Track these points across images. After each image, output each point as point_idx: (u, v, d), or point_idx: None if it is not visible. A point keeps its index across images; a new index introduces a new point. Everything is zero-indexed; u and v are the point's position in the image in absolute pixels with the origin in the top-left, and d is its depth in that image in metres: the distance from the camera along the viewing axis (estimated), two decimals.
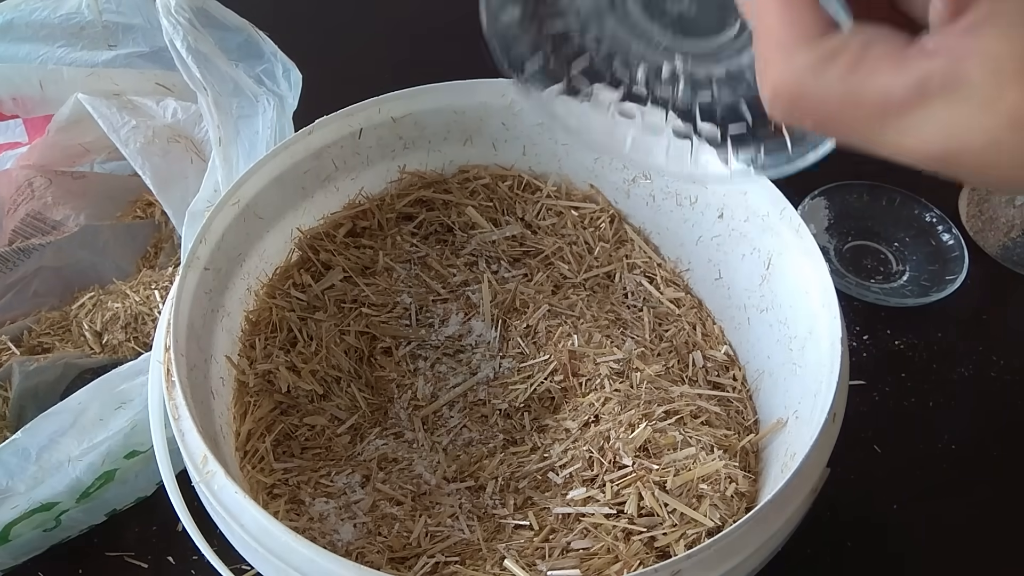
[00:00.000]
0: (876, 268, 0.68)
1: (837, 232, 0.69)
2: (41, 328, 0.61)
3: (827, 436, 0.39)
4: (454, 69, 0.60)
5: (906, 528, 0.54)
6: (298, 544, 0.35)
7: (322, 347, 0.53)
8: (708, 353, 0.54)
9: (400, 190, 0.59)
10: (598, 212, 0.59)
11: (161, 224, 0.69)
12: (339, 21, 0.93)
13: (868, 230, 0.69)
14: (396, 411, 0.53)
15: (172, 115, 0.63)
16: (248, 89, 0.57)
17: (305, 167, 0.53)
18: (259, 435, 0.49)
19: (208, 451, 0.39)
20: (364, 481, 0.48)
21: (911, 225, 0.69)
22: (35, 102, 0.66)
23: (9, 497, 0.46)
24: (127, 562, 0.53)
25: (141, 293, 0.60)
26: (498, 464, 0.49)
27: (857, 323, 0.64)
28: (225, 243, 0.49)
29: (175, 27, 0.55)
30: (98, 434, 0.48)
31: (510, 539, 0.45)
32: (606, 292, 0.58)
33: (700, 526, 0.42)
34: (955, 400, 0.60)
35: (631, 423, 0.47)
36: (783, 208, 0.49)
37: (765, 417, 0.50)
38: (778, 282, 0.49)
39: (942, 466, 0.57)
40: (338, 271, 0.56)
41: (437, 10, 0.94)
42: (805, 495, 0.38)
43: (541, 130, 0.57)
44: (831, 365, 0.41)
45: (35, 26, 0.63)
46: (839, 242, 0.69)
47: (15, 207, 0.68)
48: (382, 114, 0.55)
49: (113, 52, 0.64)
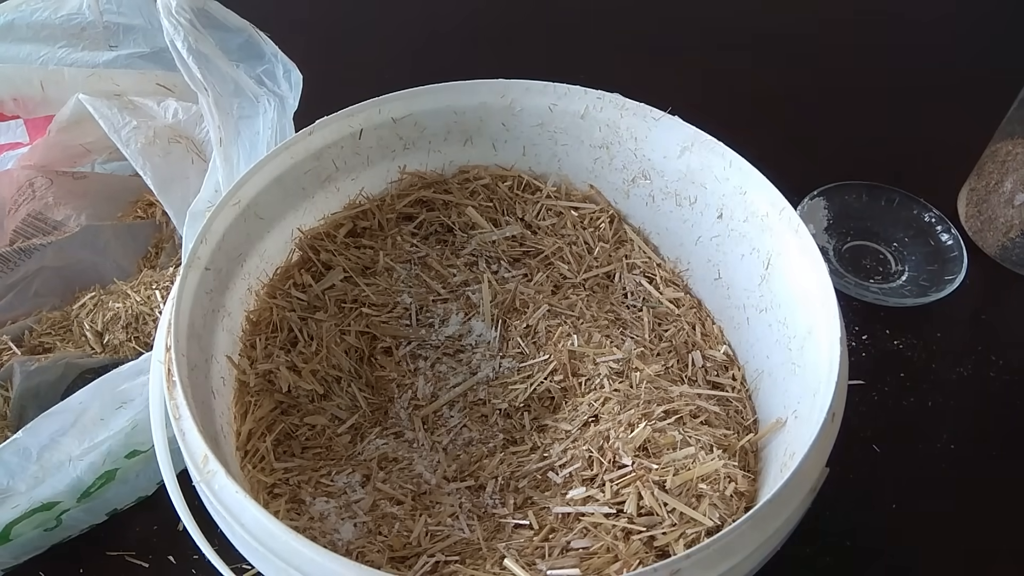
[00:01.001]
0: (875, 268, 0.68)
1: (836, 232, 0.70)
2: (42, 328, 0.62)
3: (826, 436, 0.39)
4: (454, 69, 0.60)
5: (905, 528, 0.54)
6: (298, 543, 0.35)
7: (322, 347, 0.53)
8: (707, 353, 0.54)
9: (400, 190, 0.59)
10: (598, 212, 0.59)
11: (162, 224, 0.69)
12: (340, 22, 0.93)
13: (867, 230, 0.70)
14: (396, 411, 0.53)
15: (173, 116, 0.63)
16: (249, 90, 0.57)
17: (306, 167, 0.53)
18: (260, 435, 0.49)
19: (209, 451, 0.39)
20: (364, 480, 0.48)
21: (910, 225, 0.69)
22: (36, 103, 0.67)
23: (10, 496, 0.46)
24: (128, 561, 0.53)
25: (142, 293, 0.61)
26: (498, 464, 0.49)
27: (856, 323, 0.64)
28: (226, 243, 0.49)
29: (176, 28, 0.55)
30: (99, 434, 0.48)
31: (510, 538, 0.45)
32: (606, 292, 0.58)
33: (699, 525, 0.42)
34: (954, 400, 0.60)
35: (631, 423, 0.47)
36: (782, 208, 0.49)
37: (764, 417, 0.50)
38: (777, 282, 0.49)
39: (941, 466, 0.57)
40: (338, 271, 0.56)
41: (437, 11, 0.94)
42: (804, 495, 0.38)
43: (541, 131, 0.57)
44: (830, 365, 0.41)
45: (36, 27, 0.63)
46: (838, 242, 0.69)
47: (16, 207, 0.68)
48: (382, 114, 0.55)
49: (114, 53, 0.64)
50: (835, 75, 0.85)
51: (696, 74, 0.85)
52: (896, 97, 0.82)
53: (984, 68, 0.84)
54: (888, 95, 0.82)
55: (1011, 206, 0.65)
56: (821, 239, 0.68)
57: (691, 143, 0.53)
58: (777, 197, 0.49)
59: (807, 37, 0.90)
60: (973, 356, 0.62)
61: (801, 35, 0.90)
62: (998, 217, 0.66)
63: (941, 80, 0.83)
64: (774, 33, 0.90)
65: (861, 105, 0.82)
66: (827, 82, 0.85)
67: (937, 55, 0.87)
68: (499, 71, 0.57)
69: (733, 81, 0.85)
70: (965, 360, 0.62)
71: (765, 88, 0.84)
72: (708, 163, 0.53)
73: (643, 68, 0.83)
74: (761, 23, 0.92)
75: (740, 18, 0.92)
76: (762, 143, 0.52)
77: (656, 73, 0.82)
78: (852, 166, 0.72)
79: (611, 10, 0.93)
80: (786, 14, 0.93)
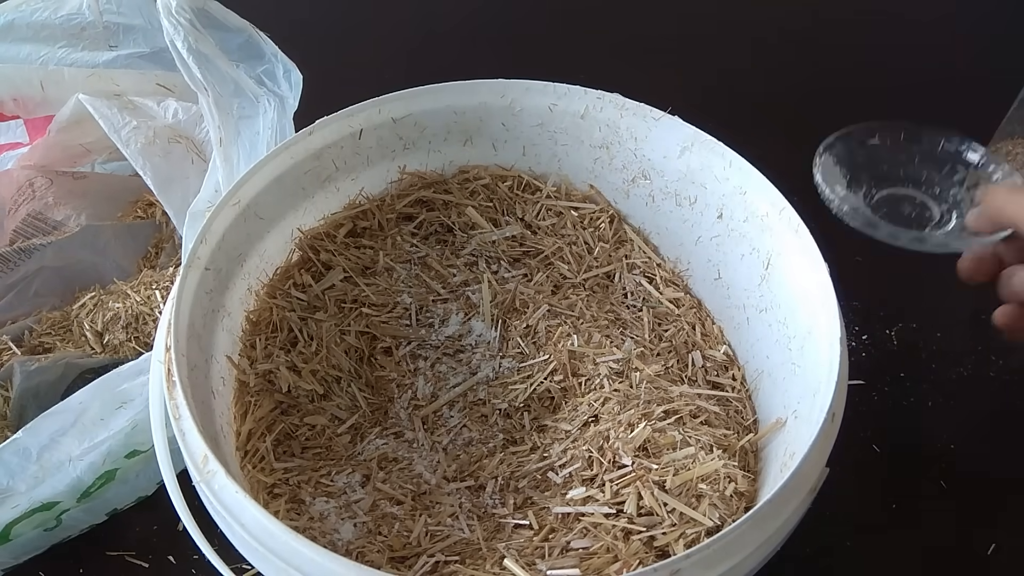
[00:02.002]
0: (921, 215, 0.53)
1: (859, 188, 0.56)
2: (42, 328, 0.62)
3: (826, 436, 0.39)
4: (454, 69, 0.60)
5: (905, 528, 0.54)
6: (298, 543, 0.35)
7: (322, 347, 0.53)
8: (707, 353, 0.54)
9: (400, 190, 0.59)
10: (598, 212, 0.59)
11: (162, 224, 0.69)
12: (339, 22, 0.93)
13: (890, 176, 0.54)
14: (396, 411, 0.53)
15: (173, 116, 0.63)
16: (249, 90, 0.57)
17: (305, 167, 0.53)
18: (259, 435, 0.49)
19: (209, 451, 0.39)
20: (364, 480, 0.48)
21: (931, 156, 0.53)
22: (36, 103, 0.67)
23: (10, 496, 0.46)
24: (128, 561, 0.53)
25: (142, 293, 0.61)
26: (498, 464, 0.49)
27: (856, 323, 0.64)
28: (226, 243, 0.49)
29: (176, 28, 0.55)
30: (99, 434, 0.48)
31: (510, 538, 0.45)
32: (606, 292, 0.58)
33: (699, 525, 0.42)
34: (954, 400, 0.60)
35: (630, 423, 0.47)
36: (782, 208, 0.49)
37: (764, 417, 0.50)
38: (777, 282, 0.49)
39: (941, 466, 0.57)
40: (338, 271, 0.56)
41: (437, 11, 0.94)
42: (804, 495, 0.38)
43: (541, 131, 0.57)
44: (830, 365, 0.41)
45: (36, 27, 0.63)
46: (867, 200, 0.56)
47: (16, 207, 0.68)
48: (382, 115, 0.55)
49: (114, 53, 0.64)
50: (835, 75, 0.85)
51: (696, 74, 0.85)
52: (896, 97, 0.82)
53: (984, 68, 0.84)
54: (888, 95, 0.82)
55: None
56: (852, 201, 0.51)
57: (691, 143, 0.53)
58: (777, 197, 0.49)
59: (807, 37, 0.90)
60: (973, 356, 0.62)
61: (801, 35, 0.90)
62: None
63: (941, 80, 0.83)
64: (774, 33, 0.90)
65: (861, 105, 0.82)
66: (827, 82, 0.84)
67: (937, 55, 0.87)
68: (499, 71, 0.57)
69: (733, 81, 0.85)
70: (965, 360, 0.62)
71: (765, 88, 0.84)
72: (708, 163, 0.53)
73: (643, 68, 0.83)
74: (761, 23, 0.92)
75: (740, 18, 0.92)
76: (762, 143, 0.52)
77: (656, 73, 0.81)
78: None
79: (612, 10, 0.93)
80: (786, 14, 0.93)
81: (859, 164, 0.50)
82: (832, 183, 0.46)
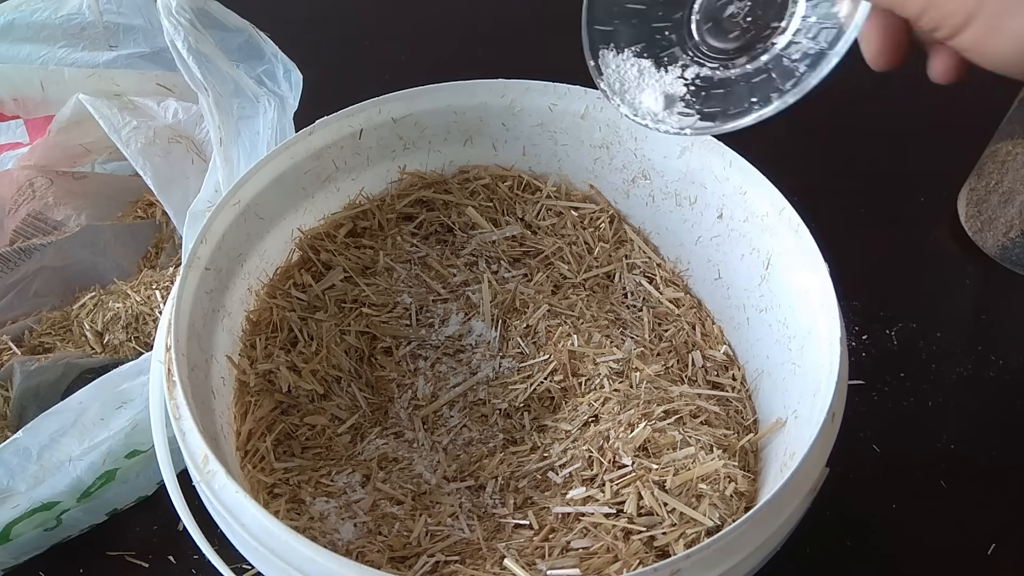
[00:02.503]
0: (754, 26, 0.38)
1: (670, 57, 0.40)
2: (42, 328, 0.62)
3: (826, 436, 0.39)
4: (454, 69, 0.60)
5: (905, 528, 0.54)
6: (299, 543, 0.36)
7: (322, 347, 0.53)
8: (707, 353, 0.54)
9: (400, 190, 0.59)
10: (598, 212, 0.59)
11: (162, 224, 0.69)
12: (340, 22, 0.93)
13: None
14: (396, 411, 0.53)
15: (173, 116, 0.63)
16: (249, 90, 0.57)
17: (306, 167, 0.53)
18: (260, 435, 0.49)
19: (209, 451, 0.39)
20: (364, 480, 0.48)
21: None
22: (36, 103, 0.67)
23: (10, 496, 0.46)
24: (128, 561, 0.53)
25: (142, 293, 0.61)
26: (498, 464, 0.49)
27: (856, 323, 0.64)
28: (226, 243, 0.49)
29: (176, 28, 0.55)
30: (99, 434, 0.48)
31: (510, 538, 0.45)
32: (606, 292, 0.58)
33: (699, 525, 0.42)
34: (954, 400, 0.60)
35: (630, 423, 0.47)
36: (782, 208, 0.49)
37: (764, 417, 0.50)
38: (777, 282, 0.49)
39: (941, 466, 0.57)
40: (338, 271, 0.56)
41: (437, 11, 0.94)
42: (804, 495, 0.38)
43: (541, 131, 0.57)
44: (830, 365, 0.41)
45: (36, 27, 0.63)
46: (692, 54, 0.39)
47: (16, 207, 0.68)
48: (382, 115, 0.55)
49: (114, 53, 0.64)
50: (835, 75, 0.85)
51: None
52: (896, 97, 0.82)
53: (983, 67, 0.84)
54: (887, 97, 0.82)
55: (1011, 206, 0.65)
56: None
57: (691, 143, 0.53)
58: (777, 197, 0.49)
59: None
60: (973, 356, 0.62)
61: None
62: (998, 217, 0.66)
63: None
64: None
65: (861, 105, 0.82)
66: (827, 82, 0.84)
67: None
68: (499, 71, 0.57)
69: None
70: (965, 360, 0.62)
71: None
72: (708, 163, 0.53)
73: None
74: None
75: None
76: (762, 143, 0.52)
77: None
78: (852, 165, 0.72)
79: None
80: None
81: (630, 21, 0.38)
82: (632, 90, 0.35)
